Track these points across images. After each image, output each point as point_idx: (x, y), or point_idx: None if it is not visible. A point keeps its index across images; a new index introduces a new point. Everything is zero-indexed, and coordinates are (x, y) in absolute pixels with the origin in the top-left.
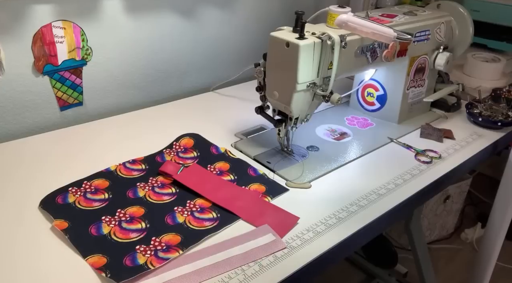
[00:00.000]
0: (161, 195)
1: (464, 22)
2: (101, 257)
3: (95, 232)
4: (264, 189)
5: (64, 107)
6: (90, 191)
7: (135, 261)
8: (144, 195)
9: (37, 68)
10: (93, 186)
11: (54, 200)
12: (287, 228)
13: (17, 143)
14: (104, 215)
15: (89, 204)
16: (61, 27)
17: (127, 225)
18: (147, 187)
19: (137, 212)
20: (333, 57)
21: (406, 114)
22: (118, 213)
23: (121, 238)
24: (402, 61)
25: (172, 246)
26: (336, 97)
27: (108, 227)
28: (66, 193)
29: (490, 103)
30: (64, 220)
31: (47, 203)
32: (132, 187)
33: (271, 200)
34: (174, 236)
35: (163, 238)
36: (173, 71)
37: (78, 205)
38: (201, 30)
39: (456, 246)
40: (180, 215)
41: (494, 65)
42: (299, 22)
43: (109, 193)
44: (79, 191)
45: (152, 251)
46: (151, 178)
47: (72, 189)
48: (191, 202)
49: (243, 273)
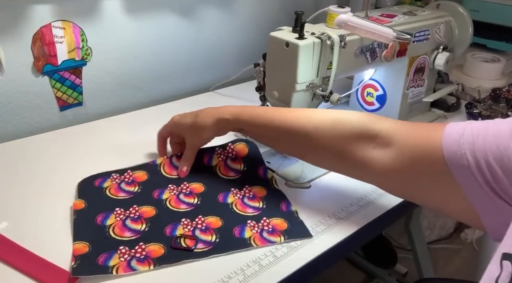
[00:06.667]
0: (181, 203)
1: (463, 22)
2: (85, 245)
3: (100, 221)
4: (286, 227)
5: (64, 107)
6: (127, 181)
7: (107, 261)
8: (166, 199)
9: (36, 68)
10: (132, 177)
11: (92, 182)
12: None
13: (17, 143)
14: (119, 207)
15: (116, 193)
16: (61, 27)
17: (130, 222)
18: (175, 191)
19: (148, 213)
20: (333, 57)
21: (406, 114)
22: (132, 208)
23: (116, 235)
24: (402, 61)
25: (149, 258)
26: (335, 97)
27: (113, 220)
28: (107, 177)
29: (489, 103)
30: (84, 201)
31: (84, 183)
32: (162, 188)
33: (282, 240)
34: (159, 249)
35: (148, 247)
36: (173, 71)
37: (107, 192)
38: (200, 30)
39: (456, 246)
40: (181, 228)
41: (494, 65)
42: (299, 22)
43: (140, 188)
44: (118, 179)
45: (129, 257)
46: (185, 183)
47: (114, 175)
48: (202, 218)
49: (243, 273)
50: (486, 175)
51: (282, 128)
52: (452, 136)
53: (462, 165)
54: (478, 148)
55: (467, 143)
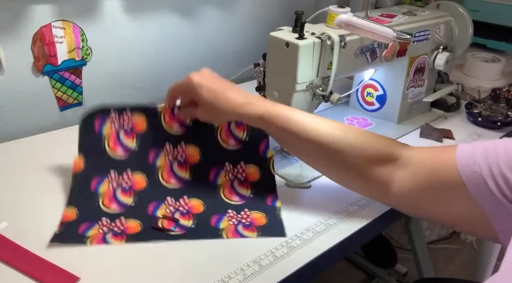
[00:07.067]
0: (172, 177)
1: (463, 22)
2: (74, 212)
3: (94, 187)
4: (264, 222)
5: (64, 107)
6: (125, 129)
7: (86, 231)
8: (159, 168)
9: (36, 68)
10: (131, 123)
11: (93, 122)
12: None
13: (17, 143)
14: (114, 170)
15: (114, 148)
16: (61, 27)
17: (120, 193)
18: (170, 156)
19: (138, 184)
20: (333, 57)
21: (406, 114)
22: (125, 174)
23: (105, 206)
24: (402, 61)
25: (124, 233)
26: (335, 97)
27: (106, 187)
28: (106, 117)
29: (489, 103)
30: (83, 159)
31: (86, 122)
32: (157, 147)
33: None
34: (136, 226)
35: (127, 223)
36: (172, 71)
37: (106, 144)
38: (200, 30)
39: (456, 246)
40: (164, 207)
41: (494, 65)
42: (299, 22)
43: (137, 143)
44: (117, 122)
45: (107, 230)
46: (182, 145)
47: (113, 115)
48: (186, 200)
49: (243, 273)
50: (499, 182)
51: (311, 142)
52: (465, 150)
53: (475, 172)
54: (490, 156)
55: (479, 154)
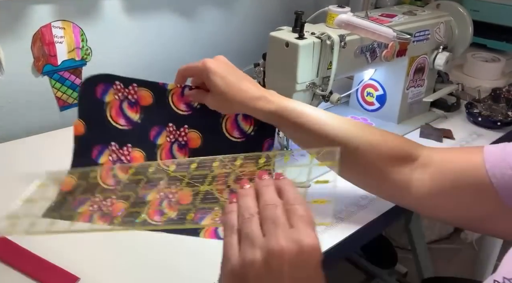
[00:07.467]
0: (170, 159)
1: (463, 22)
2: (73, 180)
3: (95, 155)
4: None
5: (64, 107)
6: (129, 101)
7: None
8: (159, 146)
9: (36, 68)
10: (136, 96)
11: (94, 88)
12: None
13: (17, 143)
14: (115, 142)
15: (116, 119)
16: (61, 27)
17: (117, 170)
18: (171, 136)
19: (137, 159)
20: (333, 57)
21: (406, 114)
22: (126, 149)
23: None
24: (402, 61)
25: (111, 216)
26: (335, 97)
27: (105, 159)
28: (110, 86)
29: (489, 103)
30: (84, 123)
31: (86, 90)
32: (160, 125)
33: None
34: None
35: (116, 204)
36: (172, 71)
37: (108, 113)
38: (200, 30)
39: (456, 246)
40: (155, 193)
41: (494, 65)
42: (299, 22)
43: (140, 117)
44: (121, 93)
45: (97, 209)
46: (185, 127)
47: (117, 85)
48: (178, 186)
49: None
50: None
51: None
52: (494, 151)
53: (505, 174)
54: None
55: (509, 154)
